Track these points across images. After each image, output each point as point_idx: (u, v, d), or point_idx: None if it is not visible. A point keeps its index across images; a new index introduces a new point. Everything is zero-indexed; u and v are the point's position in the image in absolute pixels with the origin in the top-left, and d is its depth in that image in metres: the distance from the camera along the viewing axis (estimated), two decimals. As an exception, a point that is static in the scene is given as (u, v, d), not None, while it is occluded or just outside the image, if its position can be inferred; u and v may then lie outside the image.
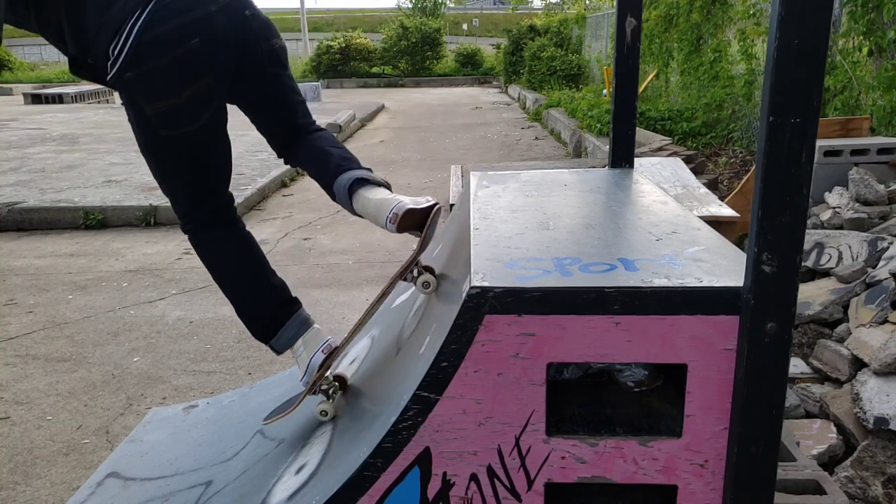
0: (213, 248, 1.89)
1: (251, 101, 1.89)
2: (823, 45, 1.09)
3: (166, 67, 1.63)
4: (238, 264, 1.91)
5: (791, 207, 1.16)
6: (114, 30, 1.60)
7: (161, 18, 1.61)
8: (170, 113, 1.68)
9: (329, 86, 22.29)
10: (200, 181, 1.84)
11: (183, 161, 1.79)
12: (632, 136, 2.27)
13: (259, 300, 1.94)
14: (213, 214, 1.89)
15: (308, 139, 1.97)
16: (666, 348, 1.27)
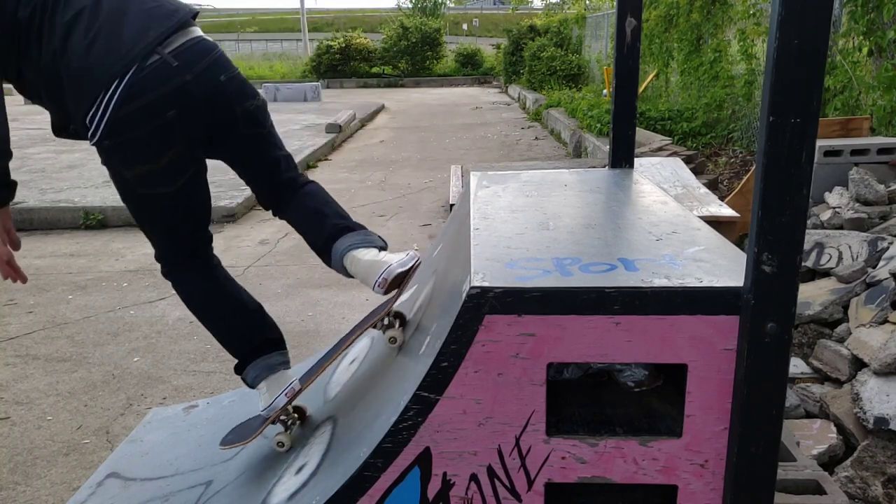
0: (190, 289, 1.96)
1: (232, 160, 1.91)
2: (823, 45, 1.09)
3: (144, 138, 1.67)
4: (212, 305, 1.99)
5: (791, 207, 1.16)
6: (90, 101, 1.62)
7: (137, 93, 1.62)
8: (148, 176, 1.73)
9: (329, 86, 22.29)
10: (177, 230, 1.90)
11: (160, 215, 1.85)
12: (632, 136, 2.27)
13: (232, 339, 2.02)
14: (189, 257, 1.94)
15: (298, 196, 1.96)
16: (666, 348, 1.27)
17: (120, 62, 1.61)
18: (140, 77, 1.62)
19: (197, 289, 1.95)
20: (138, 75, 1.62)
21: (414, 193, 7.01)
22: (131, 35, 1.64)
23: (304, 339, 3.58)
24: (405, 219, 6.00)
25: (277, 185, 1.95)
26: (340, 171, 8.30)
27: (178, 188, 1.78)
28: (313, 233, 1.94)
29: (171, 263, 1.91)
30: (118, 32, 1.64)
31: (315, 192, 1.98)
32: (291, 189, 1.96)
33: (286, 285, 4.43)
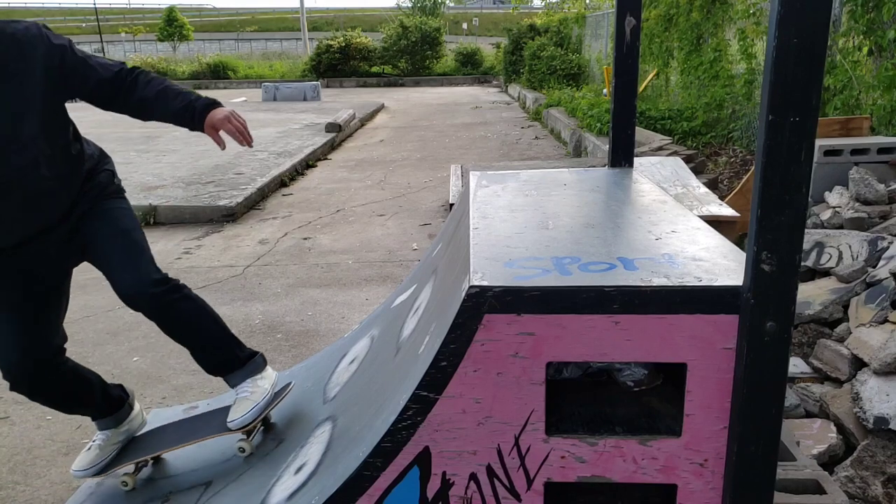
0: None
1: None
2: (822, 45, 1.09)
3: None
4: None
5: (790, 206, 1.16)
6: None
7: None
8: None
9: (329, 85, 22.29)
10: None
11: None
12: (631, 135, 2.27)
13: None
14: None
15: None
16: (665, 347, 1.27)
17: None
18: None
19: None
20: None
21: (413, 193, 7.01)
22: None
23: (304, 339, 3.58)
24: (405, 218, 6.00)
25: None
26: (340, 171, 8.30)
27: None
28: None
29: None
30: None
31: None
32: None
33: (286, 285, 4.43)
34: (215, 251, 5.21)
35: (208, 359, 2.09)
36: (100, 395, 2.09)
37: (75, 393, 2.03)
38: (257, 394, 2.02)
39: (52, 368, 1.95)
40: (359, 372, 1.98)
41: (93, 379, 2.08)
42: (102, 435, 2.11)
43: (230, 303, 4.06)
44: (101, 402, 2.10)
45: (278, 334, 3.64)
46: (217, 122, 1.88)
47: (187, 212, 6.02)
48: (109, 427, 2.12)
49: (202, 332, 2.02)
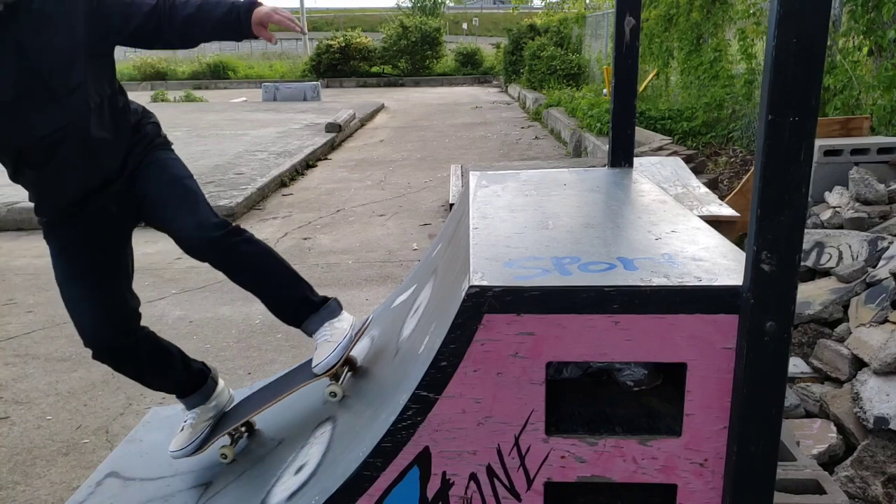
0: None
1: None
2: (822, 45, 1.09)
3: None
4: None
5: (790, 206, 1.16)
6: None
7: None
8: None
9: (329, 85, 22.29)
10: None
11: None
12: (631, 135, 2.27)
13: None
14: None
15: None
16: (665, 347, 1.27)
17: None
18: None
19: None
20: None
21: (413, 193, 7.01)
22: None
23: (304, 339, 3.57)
24: (405, 218, 6.00)
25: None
26: (340, 171, 8.30)
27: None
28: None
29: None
30: None
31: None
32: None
33: (286, 285, 4.43)
34: (215, 251, 5.20)
35: (282, 304, 1.98)
36: (181, 366, 2.07)
37: (158, 362, 2.01)
38: (337, 335, 1.93)
39: (132, 333, 1.94)
40: (358, 373, 1.98)
41: (173, 350, 2.06)
42: (192, 413, 2.07)
43: (230, 303, 4.06)
44: (183, 373, 2.07)
45: (278, 334, 3.64)
46: (263, 16, 1.80)
47: (187, 212, 6.01)
48: (198, 404, 2.09)
49: (270, 274, 1.93)
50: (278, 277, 1.95)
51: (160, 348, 2.04)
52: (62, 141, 1.71)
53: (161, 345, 2.05)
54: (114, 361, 1.95)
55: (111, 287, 1.91)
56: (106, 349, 1.91)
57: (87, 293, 1.87)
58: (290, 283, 1.97)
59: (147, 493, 2.00)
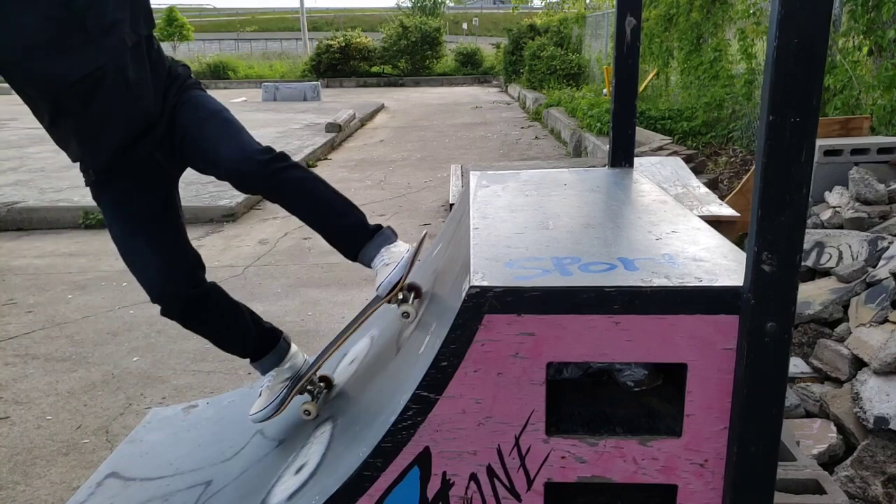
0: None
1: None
2: (823, 45, 1.09)
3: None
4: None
5: (791, 207, 1.16)
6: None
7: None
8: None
9: (329, 85, 22.29)
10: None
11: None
12: (632, 135, 2.27)
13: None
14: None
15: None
16: (666, 348, 1.26)
17: None
18: None
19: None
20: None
21: (413, 193, 7.01)
22: None
23: (304, 339, 3.58)
24: (405, 218, 6.00)
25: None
26: (340, 171, 8.29)
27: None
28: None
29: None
30: None
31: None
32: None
33: (286, 285, 4.43)
34: (215, 251, 5.21)
35: (341, 232, 1.89)
36: (252, 323, 2.01)
37: (228, 315, 1.96)
38: (395, 256, 1.84)
39: (198, 283, 1.88)
40: (359, 372, 1.98)
41: (241, 306, 2.01)
42: (268, 377, 2.01)
43: (230, 303, 4.05)
44: (254, 330, 2.01)
45: (278, 334, 3.64)
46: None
47: (187, 212, 5.94)
48: (273, 366, 2.01)
49: (326, 202, 1.85)
50: (334, 204, 1.86)
51: (228, 301, 1.98)
52: (100, 83, 1.64)
53: (229, 298, 1.98)
54: (183, 315, 1.88)
55: (170, 236, 1.86)
56: (174, 301, 1.84)
57: (147, 245, 1.82)
58: (346, 209, 1.88)
59: (147, 493, 2.00)
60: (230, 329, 1.99)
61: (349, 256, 1.92)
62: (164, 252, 1.84)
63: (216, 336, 2.01)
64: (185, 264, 1.88)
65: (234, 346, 2.07)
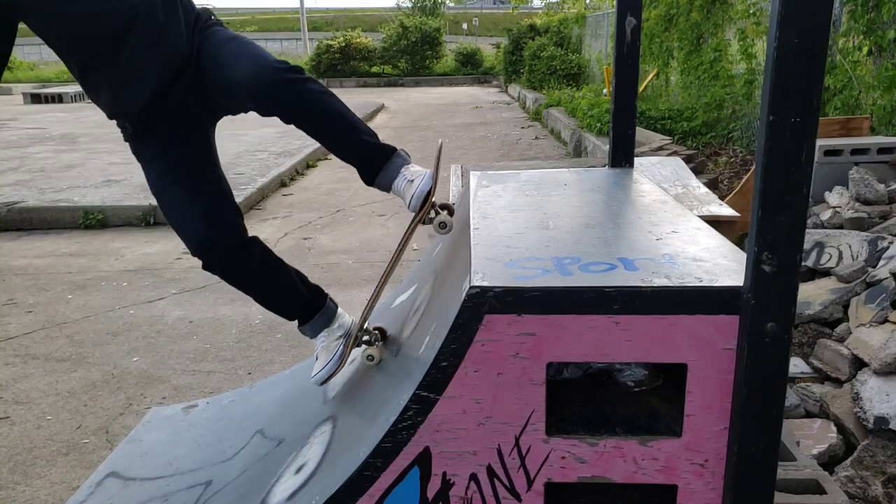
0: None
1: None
2: (823, 45, 1.09)
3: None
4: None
5: (791, 207, 1.16)
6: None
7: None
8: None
9: (329, 85, 22.18)
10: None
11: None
12: (632, 135, 2.27)
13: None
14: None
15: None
16: (666, 348, 1.26)
17: None
18: None
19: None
20: None
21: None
22: None
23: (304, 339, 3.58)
24: (405, 218, 5.99)
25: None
26: (340, 171, 8.30)
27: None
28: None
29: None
30: None
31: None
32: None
33: (286, 285, 4.43)
34: (215, 251, 5.20)
35: (358, 149, 1.84)
36: (297, 279, 1.95)
37: (273, 269, 1.90)
38: (417, 172, 1.83)
39: (240, 233, 1.83)
40: (359, 372, 1.98)
41: (284, 263, 1.95)
42: (321, 338, 1.94)
43: (230, 303, 4.05)
44: (301, 287, 1.95)
45: (278, 334, 3.64)
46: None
47: (187, 212, 6.01)
48: (323, 327, 1.95)
49: (341, 115, 1.78)
50: (353, 121, 1.81)
51: (273, 256, 1.91)
52: (132, 24, 1.61)
53: (272, 253, 1.92)
54: (225, 266, 1.82)
55: (210, 184, 1.82)
56: (216, 250, 1.78)
57: (186, 194, 1.77)
58: (364, 127, 1.84)
59: (147, 492, 2.00)
60: (276, 285, 1.93)
61: (367, 178, 1.88)
62: (203, 200, 1.78)
63: (262, 292, 1.94)
64: (226, 212, 1.82)
65: (280, 304, 1.99)
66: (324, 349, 1.91)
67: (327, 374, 1.87)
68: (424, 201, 1.77)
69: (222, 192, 1.85)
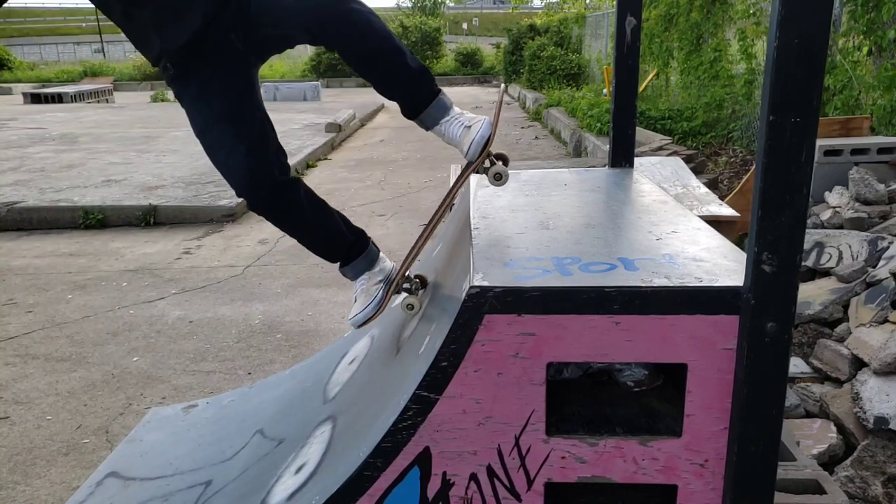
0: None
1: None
2: (823, 45, 1.09)
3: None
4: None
5: (791, 207, 1.16)
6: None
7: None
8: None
9: (329, 85, 22.28)
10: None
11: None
12: (632, 135, 2.27)
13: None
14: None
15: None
16: (666, 348, 1.26)
17: None
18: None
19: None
20: None
21: (414, 193, 7.01)
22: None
23: (304, 339, 3.58)
24: (405, 218, 6.00)
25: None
26: (340, 171, 8.30)
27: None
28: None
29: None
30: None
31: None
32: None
33: (286, 285, 4.42)
34: (215, 251, 5.21)
35: (401, 76, 1.77)
36: (341, 220, 1.92)
37: (318, 211, 1.87)
38: (471, 117, 1.77)
39: (286, 170, 1.79)
40: (359, 372, 1.98)
41: (328, 205, 1.91)
42: (361, 281, 1.91)
43: (230, 303, 4.05)
44: (345, 228, 1.91)
45: (278, 334, 3.64)
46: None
47: (187, 212, 6.02)
48: (364, 270, 1.91)
49: (389, 42, 1.72)
50: (399, 45, 1.74)
51: (316, 196, 1.88)
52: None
53: (316, 195, 1.88)
54: (271, 204, 1.79)
55: (253, 123, 1.78)
56: (262, 187, 1.74)
57: (230, 132, 1.73)
58: (414, 59, 1.77)
59: (147, 492, 2.00)
60: (322, 225, 1.89)
61: (409, 110, 1.81)
62: (247, 138, 1.75)
63: (307, 232, 1.91)
64: (271, 150, 1.78)
65: (325, 244, 1.95)
66: (363, 292, 1.88)
67: (364, 318, 1.84)
68: (483, 148, 1.71)
69: (265, 131, 1.80)
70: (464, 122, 1.77)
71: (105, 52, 41.57)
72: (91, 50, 45.96)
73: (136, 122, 12.54)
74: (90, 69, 26.70)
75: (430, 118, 1.81)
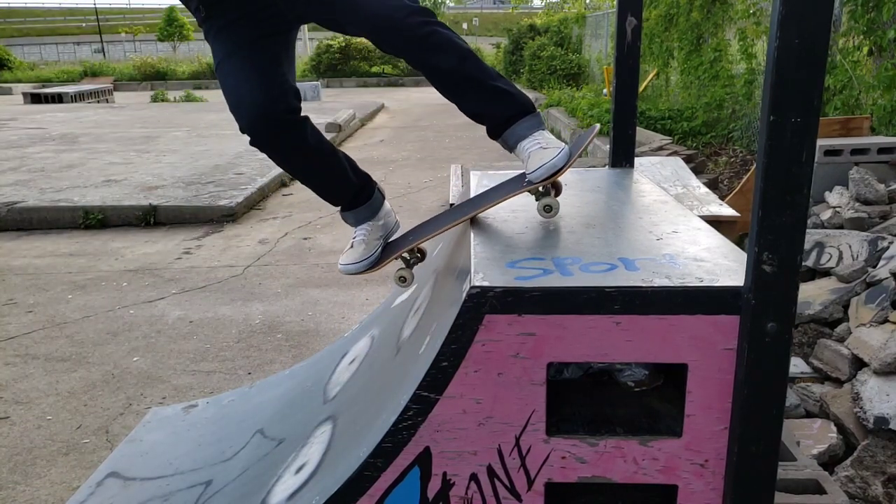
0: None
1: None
2: (824, 45, 1.09)
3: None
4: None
5: (791, 207, 1.15)
6: None
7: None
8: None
9: (329, 85, 22.29)
10: None
11: None
12: (632, 135, 2.27)
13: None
14: None
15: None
16: (666, 348, 1.26)
17: None
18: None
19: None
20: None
21: (414, 193, 7.01)
22: None
23: (304, 339, 3.58)
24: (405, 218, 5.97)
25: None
26: (340, 171, 8.30)
27: None
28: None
29: None
30: None
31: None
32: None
33: (286, 285, 4.42)
34: (215, 251, 5.21)
35: (490, 90, 1.75)
36: (348, 164, 1.86)
37: (324, 152, 1.80)
38: (553, 140, 1.68)
39: (296, 109, 1.73)
40: (359, 372, 1.98)
41: (336, 149, 1.85)
42: (363, 229, 1.88)
43: (230, 303, 4.05)
44: (351, 173, 1.86)
45: (278, 334, 3.64)
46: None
47: (187, 212, 6.02)
48: (367, 219, 1.88)
49: (479, 69, 1.71)
50: (485, 68, 1.72)
51: (323, 138, 1.82)
52: None
53: (324, 139, 1.82)
54: (276, 142, 1.72)
55: (273, 63, 1.71)
56: (268, 121, 1.68)
57: (244, 65, 1.68)
58: (496, 74, 1.74)
59: (147, 492, 2.00)
60: (327, 166, 1.83)
61: (494, 128, 1.75)
62: (261, 73, 1.69)
63: (312, 172, 1.83)
64: (283, 86, 1.72)
65: (329, 187, 1.89)
66: (363, 241, 1.85)
67: (356, 270, 1.81)
68: (550, 177, 1.62)
69: (283, 73, 1.75)
70: (541, 143, 1.67)
71: (105, 52, 41.60)
72: (91, 50, 46.02)
73: (136, 122, 12.54)
74: (90, 69, 26.70)
75: (513, 138, 1.73)
